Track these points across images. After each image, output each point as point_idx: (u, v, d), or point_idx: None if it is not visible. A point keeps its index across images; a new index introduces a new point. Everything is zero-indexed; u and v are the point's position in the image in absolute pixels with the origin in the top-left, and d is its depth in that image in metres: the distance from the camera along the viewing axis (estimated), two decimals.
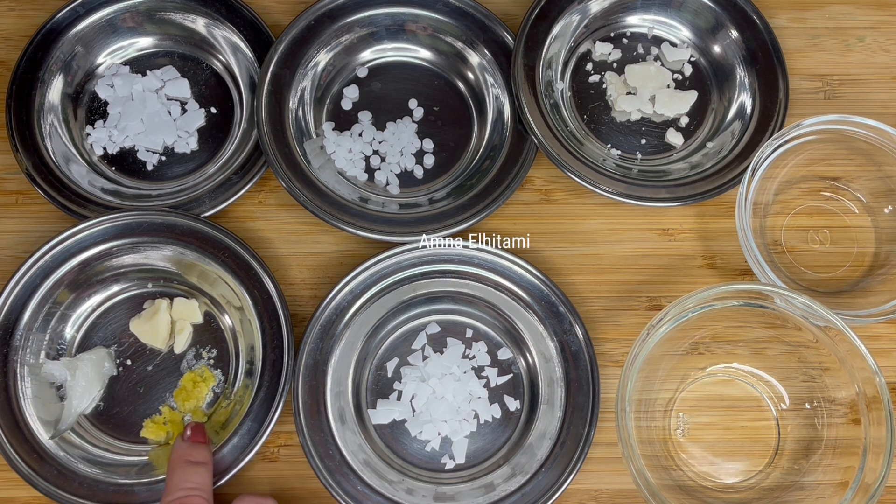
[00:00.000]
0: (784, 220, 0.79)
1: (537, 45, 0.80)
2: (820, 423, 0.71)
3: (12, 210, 0.79)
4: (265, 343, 0.72)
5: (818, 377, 0.71)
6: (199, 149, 0.81)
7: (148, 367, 0.74)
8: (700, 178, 0.78)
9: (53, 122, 0.80)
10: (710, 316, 0.70)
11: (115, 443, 0.72)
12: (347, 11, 0.82)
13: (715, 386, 0.75)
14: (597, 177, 0.76)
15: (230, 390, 0.74)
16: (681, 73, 0.84)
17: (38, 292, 0.73)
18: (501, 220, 0.79)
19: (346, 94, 0.82)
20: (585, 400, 0.72)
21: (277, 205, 0.80)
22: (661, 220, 0.79)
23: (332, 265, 0.78)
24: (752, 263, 0.72)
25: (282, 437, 0.74)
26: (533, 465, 0.71)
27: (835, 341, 0.68)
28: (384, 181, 0.80)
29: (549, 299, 0.74)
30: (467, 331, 0.76)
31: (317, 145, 0.79)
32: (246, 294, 0.73)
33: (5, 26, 0.85)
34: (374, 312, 0.75)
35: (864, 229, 0.79)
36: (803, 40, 0.85)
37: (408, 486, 0.71)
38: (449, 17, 0.82)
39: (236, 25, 0.82)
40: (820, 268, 0.78)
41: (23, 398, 0.71)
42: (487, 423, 0.73)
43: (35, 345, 0.73)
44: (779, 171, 0.77)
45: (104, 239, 0.74)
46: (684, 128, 0.82)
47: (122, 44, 0.83)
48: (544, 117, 0.78)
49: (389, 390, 0.74)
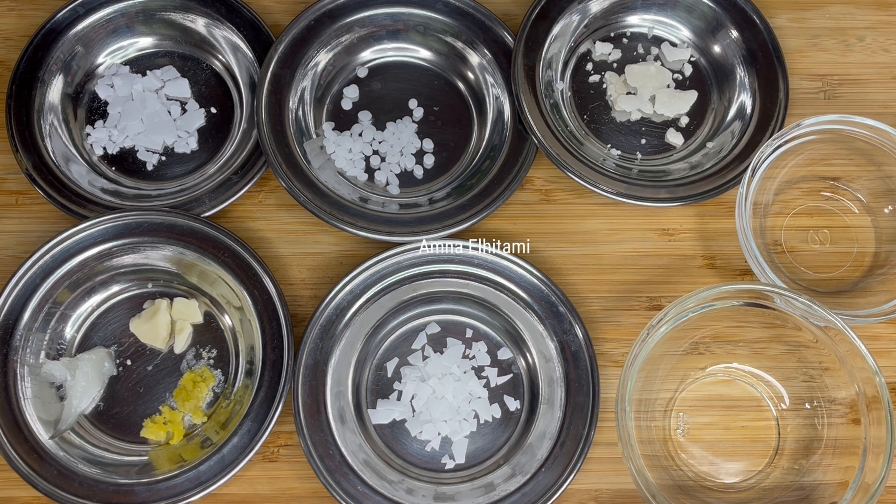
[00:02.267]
0: (784, 220, 0.79)
1: (537, 45, 0.80)
2: (820, 423, 0.71)
3: (12, 210, 0.79)
4: (265, 343, 0.72)
5: (818, 377, 0.71)
6: (199, 149, 0.81)
7: (148, 367, 0.74)
8: (700, 178, 0.78)
9: (53, 122, 0.80)
10: (710, 316, 0.70)
11: (115, 443, 0.72)
12: (347, 11, 0.82)
13: (715, 386, 0.75)
14: (597, 177, 0.76)
15: (230, 390, 0.74)
16: (681, 73, 0.84)
17: (38, 292, 0.73)
18: (501, 220, 0.79)
19: (346, 94, 0.82)
20: (585, 400, 0.72)
21: (277, 205, 0.80)
22: (661, 220, 0.79)
23: (332, 265, 0.78)
24: (752, 263, 0.72)
25: (282, 437, 0.74)
26: (533, 465, 0.71)
27: (835, 341, 0.68)
28: (384, 181, 0.80)
29: (549, 299, 0.74)
30: (467, 331, 0.76)
31: (317, 145, 0.79)
32: (246, 294, 0.73)
33: (5, 26, 0.85)
34: (374, 312, 0.75)
35: (864, 229, 0.79)
36: (803, 40, 0.85)
37: (408, 486, 0.71)
38: (449, 17, 0.82)
39: (236, 25, 0.82)
40: (820, 268, 0.78)
41: (23, 398, 0.71)
42: (487, 423, 0.73)
43: (35, 345, 0.73)
44: (779, 171, 0.77)
45: (104, 239, 0.74)
46: (684, 128, 0.82)
47: (122, 44, 0.83)
48: (544, 117, 0.78)
49: (389, 390, 0.74)
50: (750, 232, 0.72)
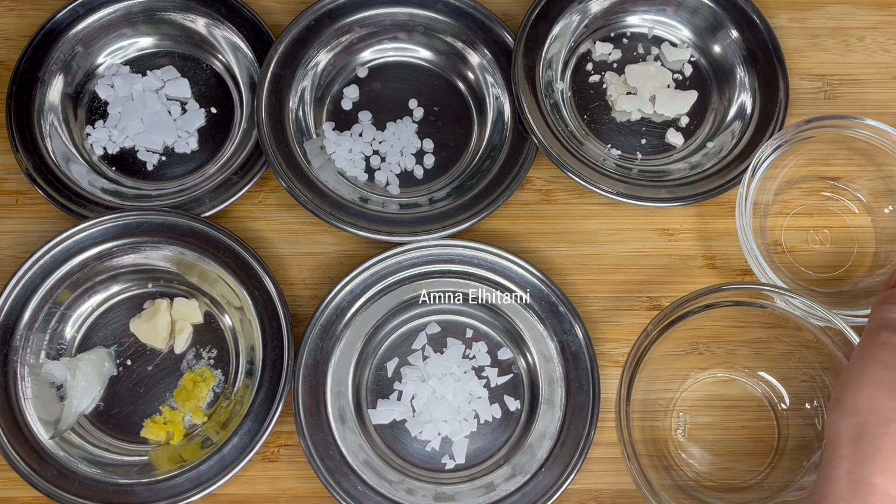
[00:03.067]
0: (784, 220, 0.79)
1: (537, 45, 0.80)
2: (820, 423, 0.71)
3: (12, 210, 0.79)
4: (265, 343, 0.72)
5: (818, 377, 0.71)
6: (199, 149, 0.81)
7: (148, 367, 0.74)
8: (700, 178, 0.78)
9: (53, 122, 0.80)
10: (711, 316, 0.70)
11: (115, 443, 0.72)
12: (347, 11, 0.82)
13: (715, 386, 0.75)
14: (597, 177, 0.76)
15: (230, 390, 0.74)
16: (681, 73, 0.84)
17: (38, 292, 0.73)
18: (501, 220, 0.79)
19: (346, 94, 0.82)
20: (585, 400, 0.72)
21: (277, 205, 0.80)
22: (661, 220, 0.79)
23: (332, 265, 0.78)
24: (752, 263, 0.72)
25: (282, 437, 0.74)
26: (533, 465, 0.71)
27: (835, 341, 0.68)
28: (384, 181, 0.80)
29: (549, 299, 0.74)
30: (467, 331, 0.76)
31: (317, 145, 0.79)
32: (246, 294, 0.73)
33: (5, 26, 0.85)
34: (374, 312, 0.75)
35: (864, 229, 0.79)
36: (803, 40, 0.85)
37: (408, 486, 0.71)
38: (449, 17, 0.82)
39: (236, 25, 0.82)
40: (820, 268, 0.78)
41: (23, 398, 0.71)
42: (487, 423, 0.73)
43: (35, 345, 0.73)
44: (779, 171, 0.77)
45: (104, 239, 0.74)
46: (684, 128, 0.82)
47: (122, 44, 0.83)
48: (544, 117, 0.78)
49: (389, 390, 0.74)
50: (750, 232, 0.72)
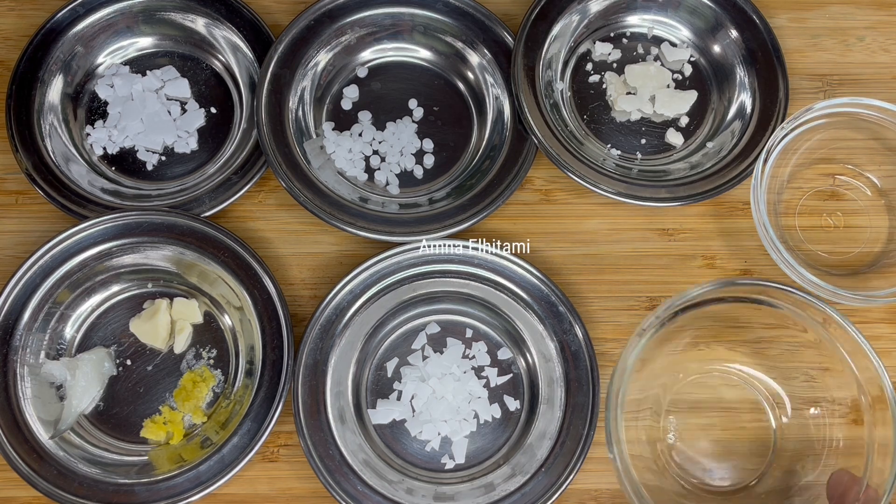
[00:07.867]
0: (799, 201, 0.79)
1: (537, 45, 0.80)
2: (820, 423, 0.71)
3: (12, 210, 0.79)
4: (265, 343, 0.72)
5: (819, 377, 0.71)
6: (199, 149, 0.81)
7: (148, 367, 0.74)
8: (700, 178, 0.78)
9: (53, 122, 0.80)
10: (709, 315, 0.70)
11: (115, 443, 0.72)
12: (347, 11, 0.82)
13: (714, 387, 0.75)
14: (597, 177, 0.76)
15: (230, 390, 0.74)
16: (681, 73, 0.84)
17: (38, 292, 0.73)
18: (501, 220, 0.79)
19: (346, 94, 0.82)
20: (585, 400, 0.72)
21: (277, 205, 0.80)
22: (661, 219, 0.79)
23: (332, 265, 0.78)
24: (769, 248, 0.73)
25: (282, 437, 0.74)
26: (533, 465, 0.71)
27: (838, 340, 0.68)
28: (384, 181, 0.80)
29: (549, 299, 0.74)
30: (467, 331, 0.76)
31: (317, 145, 0.79)
32: (246, 294, 0.73)
33: (5, 26, 0.85)
34: (374, 312, 0.75)
35: (877, 208, 0.79)
36: (803, 40, 0.85)
37: (408, 486, 0.71)
38: (449, 17, 0.82)
39: (236, 25, 0.82)
40: (834, 252, 0.78)
41: (23, 398, 0.71)
42: (487, 423, 0.73)
43: (35, 345, 0.73)
44: (791, 156, 0.77)
45: (104, 239, 0.74)
46: (684, 128, 0.82)
47: (122, 44, 0.83)
48: (544, 117, 0.78)
49: (389, 390, 0.74)
50: (765, 214, 0.72)
